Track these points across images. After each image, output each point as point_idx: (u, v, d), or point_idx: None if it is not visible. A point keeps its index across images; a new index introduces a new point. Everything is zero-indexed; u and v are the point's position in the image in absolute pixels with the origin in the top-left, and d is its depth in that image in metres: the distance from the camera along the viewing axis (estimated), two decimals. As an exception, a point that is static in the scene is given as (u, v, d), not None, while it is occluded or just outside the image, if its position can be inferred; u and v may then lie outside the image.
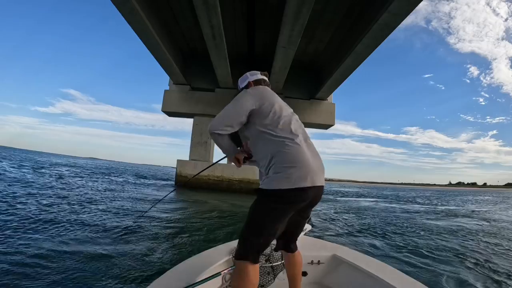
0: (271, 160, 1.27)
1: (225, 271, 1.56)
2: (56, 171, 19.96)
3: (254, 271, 1.25)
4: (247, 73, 1.63)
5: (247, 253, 1.25)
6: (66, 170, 22.43)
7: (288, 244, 1.52)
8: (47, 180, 12.85)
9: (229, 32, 13.05)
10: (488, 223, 9.95)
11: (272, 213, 1.25)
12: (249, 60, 15.81)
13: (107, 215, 6.25)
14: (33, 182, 11.40)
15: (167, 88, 17.84)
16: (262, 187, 1.27)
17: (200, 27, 10.74)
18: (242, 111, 1.34)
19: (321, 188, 1.30)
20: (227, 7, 11.32)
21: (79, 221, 5.37)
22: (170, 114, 18.44)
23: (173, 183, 18.94)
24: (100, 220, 5.65)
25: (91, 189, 11.46)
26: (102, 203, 7.87)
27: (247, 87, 1.56)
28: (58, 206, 6.63)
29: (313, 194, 1.28)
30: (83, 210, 6.61)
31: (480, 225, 9.40)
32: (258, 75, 1.61)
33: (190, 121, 17.94)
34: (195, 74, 16.94)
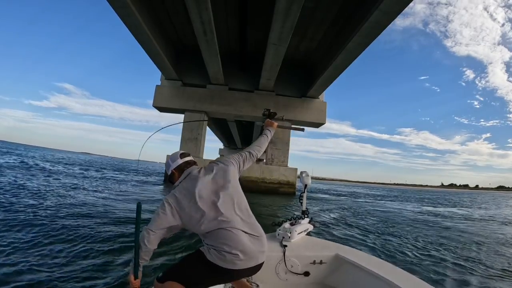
0: (207, 244, 1.34)
1: None
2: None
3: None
4: (169, 159, 1.53)
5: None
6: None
7: None
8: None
9: (220, 28, 12.91)
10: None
11: (199, 276, 1.32)
12: (241, 57, 15.65)
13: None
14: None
15: (160, 83, 17.63)
16: (201, 250, 1.35)
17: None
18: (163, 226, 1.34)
19: (257, 266, 1.35)
20: (219, 2, 11.17)
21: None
22: (161, 109, 18.23)
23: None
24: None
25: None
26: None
27: (172, 175, 1.50)
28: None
29: (248, 272, 1.36)
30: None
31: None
32: (178, 161, 1.50)
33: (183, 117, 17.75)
34: (187, 70, 16.77)
